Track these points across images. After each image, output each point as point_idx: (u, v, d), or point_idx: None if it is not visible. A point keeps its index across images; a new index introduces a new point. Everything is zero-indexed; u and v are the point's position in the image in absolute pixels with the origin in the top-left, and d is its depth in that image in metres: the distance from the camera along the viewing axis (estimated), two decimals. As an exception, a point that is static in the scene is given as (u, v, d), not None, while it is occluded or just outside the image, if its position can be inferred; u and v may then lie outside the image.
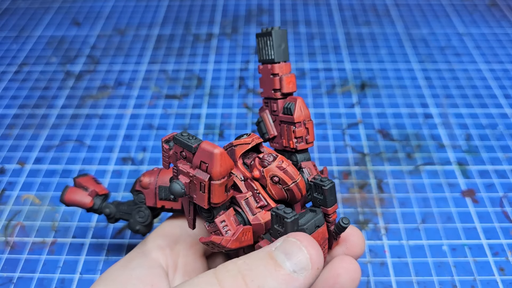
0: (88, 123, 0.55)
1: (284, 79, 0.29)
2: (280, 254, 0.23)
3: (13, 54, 0.67)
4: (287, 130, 0.29)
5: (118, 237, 0.42)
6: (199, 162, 0.23)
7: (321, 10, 0.75)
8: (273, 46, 0.28)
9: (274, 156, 0.26)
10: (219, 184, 0.23)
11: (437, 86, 0.59)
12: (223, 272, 0.23)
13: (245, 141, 0.26)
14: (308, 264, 0.23)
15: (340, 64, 0.63)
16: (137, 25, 0.73)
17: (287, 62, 0.29)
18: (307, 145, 0.29)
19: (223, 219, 0.25)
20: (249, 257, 0.24)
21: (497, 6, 0.76)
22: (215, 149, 0.22)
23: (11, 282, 0.39)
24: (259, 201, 0.26)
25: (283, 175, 0.25)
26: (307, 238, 0.24)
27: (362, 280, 0.38)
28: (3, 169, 0.49)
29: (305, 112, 0.29)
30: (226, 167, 0.23)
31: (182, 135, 0.24)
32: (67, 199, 0.34)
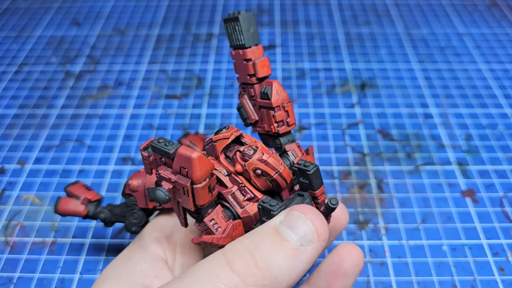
0: (88, 123, 0.55)
1: (257, 64, 0.28)
2: (285, 228, 0.23)
3: (13, 54, 0.67)
4: (267, 115, 0.29)
5: (118, 237, 0.42)
6: (179, 167, 0.23)
7: (321, 10, 0.75)
8: (242, 30, 0.28)
9: (254, 149, 0.25)
10: (201, 187, 0.23)
11: (437, 86, 0.59)
12: (231, 253, 0.23)
13: (224, 135, 0.26)
14: (314, 236, 0.23)
15: (340, 64, 0.63)
16: (137, 25, 0.73)
17: (258, 46, 0.28)
18: (289, 128, 0.29)
19: (211, 218, 0.25)
20: (255, 235, 0.24)
21: (497, 6, 0.76)
22: (193, 153, 0.22)
23: (11, 282, 0.39)
24: (246, 194, 0.26)
25: (265, 167, 0.25)
26: (310, 210, 0.24)
27: (362, 280, 0.38)
28: (3, 169, 0.49)
29: (282, 95, 0.29)
30: (206, 169, 0.23)
31: (159, 142, 0.24)
32: (61, 210, 0.35)
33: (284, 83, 0.60)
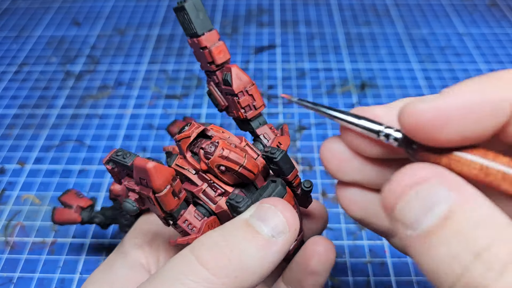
0: (88, 123, 0.55)
1: (213, 51, 0.27)
2: (256, 221, 0.23)
3: (13, 54, 0.67)
4: (232, 101, 0.28)
5: (118, 237, 0.42)
6: (138, 178, 0.23)
7: (321, 10, 0.75)
8: (191, 19, 0.27)
9: (215, 145, 0.25)
10: (163, 194, 0.23)
11: (437, 86, 0.59)
12: (199, 247, 0.22)
13: (185, 134, 0.26)
14: (285, 227, 0.23)
15: (340, 64, 0.63)
16: (137, 25, 0.73)
17: (211, 31, 0.27)
18: (257, 111, 0.29)
19: (185, 219, 0.25)
20: (224, 228, 0.24)
21: (497, 6, 0.76)
22: (147, 164, 0.22)
23: (11, 282, 0.39)
24: (216, 190, 0.26)
25: (228, 163, 0.25)
26: (280, 202, 0.24)
27: (362, 280, 0.38)
28: (3, 169, 0.49)
29: (244, 79, 0.28)
30: (165, 177, 0.23)
31: (117, 155, 0.24)
32: (57, 220, 0.36)
33: (284, 83, 0.60)
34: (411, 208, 0.17)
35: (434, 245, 0.17)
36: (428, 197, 0.17)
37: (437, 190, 0.17)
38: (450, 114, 0.17)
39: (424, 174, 0.17)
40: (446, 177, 0.17)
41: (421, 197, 0.17)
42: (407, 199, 0.17)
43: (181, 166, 0.26)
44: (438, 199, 0.17)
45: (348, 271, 0.39)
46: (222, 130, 0.27)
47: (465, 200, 0.17)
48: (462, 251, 0.16)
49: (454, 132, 0.17)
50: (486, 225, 0.16)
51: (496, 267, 0.15)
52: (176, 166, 0.26)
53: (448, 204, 0.17)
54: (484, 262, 0.15)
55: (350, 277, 0.39)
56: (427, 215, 0.17)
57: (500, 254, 0.15)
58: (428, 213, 0.17)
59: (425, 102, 0.18)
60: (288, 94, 0.58)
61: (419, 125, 0.18)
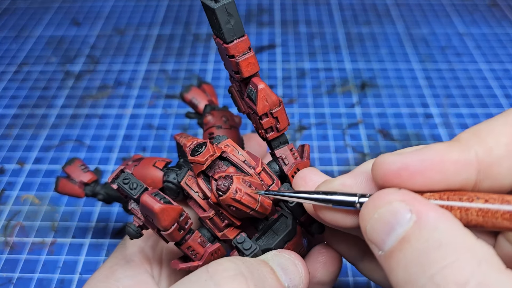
0: (88, 123, 0.55)
1: (240, 63, 0.24)
2: (277, 266, 0.23)
3: (12, 54, 0.67)
4: (253, 118, 0.26)
5: (118, 237, 0.42)
6: (145, 214, 0.23)
7: (321, 9, 0.75)
8: (220, 24, 0.23)
9: (229, 181, 0.23)
10: (168, 233, 0.23)
11: (437, 86, 0.59)
12: (221, 273, 0.21)
13: (199, 160, 0.24)
14: (300, 283, 0.23)
15: (340, 64, 0.63)
16: (137, 25, 0.72)
17: (242, 38, 0.24)
18: (279, 133, 0.26)
19: (189, 245, 0.24)
20: (248, 261, 0.23)
21: (497, 6, 0.75)
22: (155, 205, 0.21)
23: (10, 282, 0.39)
24: (224, 219, 0.25)
25: (240, 206, 0.23)
26: (298, 257, 0.24)
27: (362, 280, 0.38)
28: (2, 169, 0.49)
29: (270, 100, 0.25)
30: (171, 217, 0.22)
31: (124, 183, 0.23)
32: (60, 190, 0.36)
33: (284, 83, 0.60)
34: (376, 229, 0.18)
35: (394, 266, 0.17)
36: (390, 218, 0.18)
37: (400, 212, 0.18)
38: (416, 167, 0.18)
39: (388, 197, 0.18)
40: (411, 200, 0.18)
41: (383, 219, 0.18)
42: (372, 221, 0.18)
43: (190, 187, 0.25)
44: (400, 220, 0.17)
45: (348, 271, 0.39)
46: (239, 150, 0.25)
47: (425, 222, 0.17)
48: (416, 273, 0.16)
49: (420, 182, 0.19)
50: (442, 248, 0.16)
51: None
52: (185, 185, 0.25)
53: (408, 226, 0.17)
54: (437, 285, 0.16)
55: (350, 277, 0.39)
56: (389, 236, 0.18)
57: (454, 277, 0.15)
58: (391, 234, 0.18)
59: (395, 155, 0.19)
60: (288, 93, 0.58)
61: (389, 175, 0.19)
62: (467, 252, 0.16)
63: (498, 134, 0.19)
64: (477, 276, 0.16)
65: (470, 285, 0.15)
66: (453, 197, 0.19)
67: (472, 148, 0.19)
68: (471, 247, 0.16)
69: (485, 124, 0.19)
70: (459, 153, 0.19)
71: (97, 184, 0.36)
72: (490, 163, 0.19)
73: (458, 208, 0.18)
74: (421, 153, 0.19)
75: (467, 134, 0.19)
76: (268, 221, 0.26)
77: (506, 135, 0.19)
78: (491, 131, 0.19)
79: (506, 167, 0.19)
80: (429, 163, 0.19)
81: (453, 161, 0.18)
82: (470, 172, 0.19)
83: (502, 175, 0.19)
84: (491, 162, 0.19)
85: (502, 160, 0.18)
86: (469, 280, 0.15)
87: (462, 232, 0.17)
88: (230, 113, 0.36)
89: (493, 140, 0.19)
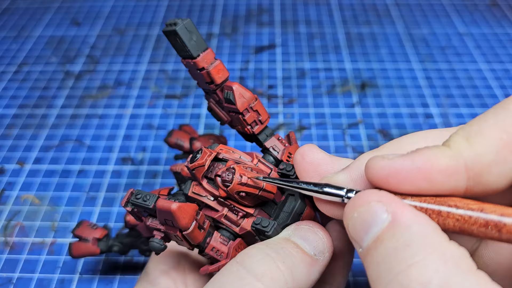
0: (88, 123, 0.55)
1: (211, 72, 0.27)
2: (299, 239, 0.23)
3: (12, 54, 0.67)
4: (237, 118, 0.28)
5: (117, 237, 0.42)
6: (163, 219, 0.23)
7: (321, 9, 0.75)
8: (184, 42, 0.26)
9: (232, 172, 0.25)
10: (191, 231, 0.23)
11: (437, 86, 0.59)
12: (249, 260, 0.22)
13: (199, 163, 0.25)
14: (325, 248, 0.23)
15: (340, 64, 0.63)
16: (137, 24, 0.72)
17: (206, 51, 0.27)
18: (263, 125, 0.28)
19: (212, 247, 0.25)
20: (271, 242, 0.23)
21: (497, 6, 0.75)
22: (171, 205, 0.22)
23: (10, 282, 0.39)
24: (238, 213, 0.26)
25: (247, 189, 0.25)
26: (317, 224, 0.24)
27: (362, 280, 0.38)
28: (2, 169, 0.49)
29: (247, 96, 0.27)
30: (189, 215, 0.23)
31: (136, 198, 0.24)
32: (76, 254, 0.36)
33: (284, 83, 0.60)
34: (356, 227, 0.19)
35: (369, 263, 0.18)
36: (368, 217, 0.18)
37: (377, 211, 0.18)
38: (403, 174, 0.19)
39: (368, 198, 0.19)
40: (388, 201, 0.18)
41: (362, 218, 0.19)
42: (353, 219, 0.19)
43: (198, 194, 0.26)
44: (376, 220, 0.18)
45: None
46: (233, 150, 0.27)
47: (398, 223, 0.17)
48: (384, 271, 0.17)
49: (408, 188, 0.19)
50: (411, 247, 0.17)
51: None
52: (193, 194, 0.26)
53: (383, 225, 0.18)
54: (400, 283, 0.16)
55: (350, 277, 0.39)
56: (367, 235, 0.18)
57: (417, 276, 0.16)
58: (368, 232, 0.18)
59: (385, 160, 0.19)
60: (288, 93, 0.58)
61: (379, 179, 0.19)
62: (434, 252, 0.16)
63: (487, 138, 0.19)
64: (441, 275, 0.16)
65: (433, 284, 0.16)
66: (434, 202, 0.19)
67: (461, 155, 0.18)
68: (439, 248, 0.17)
69: (476, 125, 0.19)
70: (448, 161, 0.18)
71: (109, 237, 0.36)
72: (479, 171, 0.18)
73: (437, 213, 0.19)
74: (410, 160, 0.19)
75: (458, 138, 0.19)
76: (277, 205, 0.27)
77: (495, 139, 0.18)
78: (481, 134, 0.19)
79: (496, 173, 0.18)
80: (416, 171, 0.19)
81: (441, 170, 0.18)
82: (459, 180, 0.19)
83: (492, 181, 0.19)
84: (481, 169, 0.18)
85: (492, 167, 0.18)
86: (432, 279, 0.16)
87: (434, 233, 0.17)
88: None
89: (482, 146, 0.18)
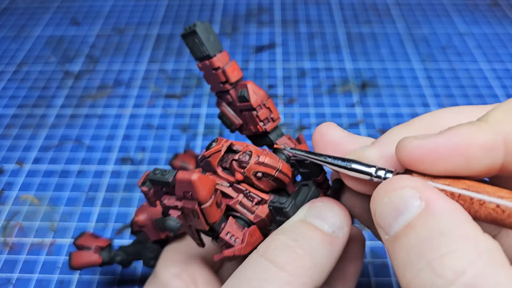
0: (87, 123, 0.54)
1: (227, 70, 0.28)
2: (314, 219, 0.23)
3: (11, 54, 0.66)
4: (250, 116, 0.29)
5: (118, 237, 0.42)
6: (182, 193, 0.23)
7: (321, 9, 0.75)
8: (202, 41, 0.28)
9: (249, 154, 0.25)
10: (209, 205, 0.23)
11: (438, 86, 0.59)
12: (271, 251, 0.22)
13: (216, 149, 0.26)
14: (342, 222, 0.23)
15: (340, 64, 0.63)
16: (137, 24, 0.72)
17: (222, 52, 0.29)
18: (275, 123, 0.29)
19: (227, 231, 0.25)
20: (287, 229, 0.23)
21: (498, 6, 0.75)
22: (192, 176, 0.22)
23: (9, 283, 0.39)
24: (253, 199, 0.26)
25: (265, 169, 0.25)
26: (331, 200, 0.24)
27: (363, 280, 0.38)
28: (1, 169, 0.49)
29: (260, 93, 0.29)
30: (209, 187, 0.23)
31: (155, 174, 0.25)
32: (75, 265, 0.34)
33: (284, 83, 0.60)
34: (384, 213, 0.19)
35: (397, 250, 0.18)
36: (399, 204, 0.18)
37: (409, 198, 0.18)
38: (439, 153, 0.18)
39: (400, 183, 0.19)
40: (421, 188, 0.18)
41: (392, 204, 0.18)
42: (382, 205, 0.19)
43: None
44: (408, 206, 0.18)
45: (349, 272, 0.39)
46: (246, 144, 0.27)
47: (432, 210, 0.17)
48: (416, 258, 0.17)
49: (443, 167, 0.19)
50: (445, 236, 0.17)
51: (447, 276, 0.16)
52: None
53: (416, 212, 0.18)
54: (433, 270, 0.16)
55: (351, 278, 0.39)
56: (397, 221, 0.18)
57: (451, 264, 0.16)
58: (398, 219, 0.18)
59: (418, 140, 0.19)
60: (289, 93, 0.58)
61: (412, 159, 0.19)
62: (469, 243, 0.16)
63: None
64: (475, 267, 0.16)
65: (467, 274, 0.16)
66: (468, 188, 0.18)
67: (502, 129, 0.18)
68: (474, 239, 0.16)
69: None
70: (487, 135, 0.18)
71: (112, 248, 0.35)
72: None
73: (470, 199, 0.18)
74: (446, 138, 0.18)
75: (497, 113, 0.19)
76: (290, 196, 0.27)
77: None
78: None
79: None
80: (453, 148, 0.18)
81: (479, 146, 0.18)
82: (497, 156, 0.18)
83: None
84: None
85: None
86: (467, 270, 0.16)
87: (468, 224, 0.17)
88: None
89: None
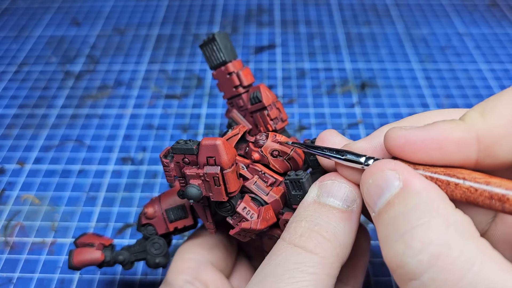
0: (88, 123, 0.55)
1: (241, 74, 0.31)
2: (327, 197, 0.24)
3: (12, 54, 0.67)
4: (261, 116, 0.31)
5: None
6: (205, 159, 0.25)
7: (321, 9, 0.75)
8: (221, 48, 0.30)
9: (266, 135, 0.27)
10: (231, 171, 0.25)
11: (437, 86, 0.59)
12: (299, 239, 0.23)
13: (233, 133, 0.28)
14: (354, 195, 0.24)
15: (340, 64, 0.63)
16: (137, 24, 0.72)
17: (237, 59, 0.31)
18: (284, 123, 0.31)
19: (244, 206, 0.26)
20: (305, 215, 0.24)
21: (497, 6, 0.76)
22: (216, 140, 0.24)
23: (10, 282, 0.39)
24: (267, 180, 0.27)
25: (281, 147, 0.27)
26: (338, 175, 0.25)
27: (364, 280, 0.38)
28: (3, 169, 0.49)
29: (271, 94, 0.30)
30: (232, 153, 0.25)
31: (178, 143, 0.26)
32: (76, 262, 0.32)
33: (284, 83, 0.60)
34: (370, 193, 0.21)
35: (379, 225, 0.20)
36: (382, 183, 0.20)
37: (390, 179, 0.20)
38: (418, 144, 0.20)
39: (383, 166, 0.21)
40: (401, 170, 0.20)
41: (376, 184, 0.21)
42: (368, 185, 0.21)
43: None
44: (389, 186, 0.20)
45: (348, 271, 0.39)
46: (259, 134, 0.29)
47: (409, 189, 0.19)
48: (392, 231, 0.19)
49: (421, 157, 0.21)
50: (418, 211, 0.18)
51: (415, 246, 0.18)
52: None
53: (395, 191, 0.20)
54: (404, 241, 0.18)
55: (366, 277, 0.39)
56: (380, 199, 0.20)
57: (420, 236, 0.18)
58: (381, 197, 0.20)
59: (403, 130, 0.21)
60: (288, 94, 0.58)
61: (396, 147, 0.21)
62: (438, 217, 0.18)
63: (500, 113, 0.20)
64: (442, 237, 0.17)
65: (434, 244, 0.17)
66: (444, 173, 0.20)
67: (474, 128, 0.20)
68: (444, 213, 0.18)
69: (491, 102, 0.20)
70: (461, 133, 0.20)
71: (114, 248, 0.34)
72: (490, 143, 0.20)
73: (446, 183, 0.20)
74: (425, 131, 0.20)
75: (473, 113, 0.20)
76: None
77: (507, 114, 0.20)
78: (494, 109, 0.20)
79: (506, 146, 0.20)
80: (430, 141, 0.20)
81: (453, 141, 0.20)
82: (470, 151, 0.20)
83: (502, 154, 0.20)
84: (492, 142, 0.20)
85: (502, 139, 0.19)
86: (433, 241, 0.17)
87: (441, 201, 0.19)
88: None
89: (494, 119, 0.20)
